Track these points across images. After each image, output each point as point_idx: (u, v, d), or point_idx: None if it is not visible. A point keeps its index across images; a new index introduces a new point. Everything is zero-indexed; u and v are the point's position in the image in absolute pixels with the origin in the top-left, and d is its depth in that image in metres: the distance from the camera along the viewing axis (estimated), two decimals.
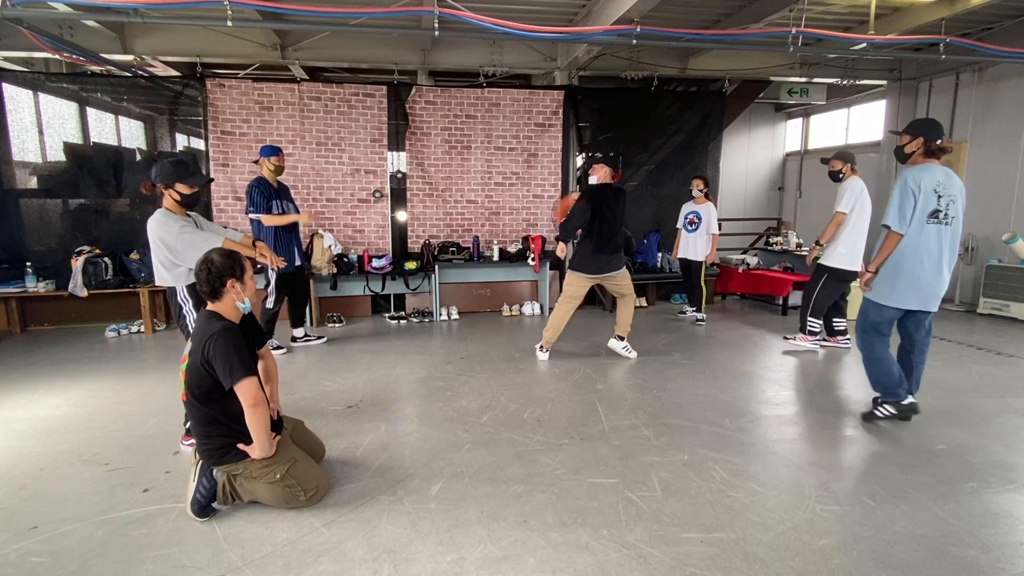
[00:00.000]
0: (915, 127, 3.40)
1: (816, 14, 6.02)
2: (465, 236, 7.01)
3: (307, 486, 2.51)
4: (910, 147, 3.38)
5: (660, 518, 2.48)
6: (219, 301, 2.45)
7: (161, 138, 6.92)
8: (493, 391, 4.10)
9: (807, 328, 5.02)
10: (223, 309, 2.46)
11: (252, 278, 2.55)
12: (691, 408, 3.77)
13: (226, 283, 2.41)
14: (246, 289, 2.49)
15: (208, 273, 2.40)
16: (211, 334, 2.33)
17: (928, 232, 3.26)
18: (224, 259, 2.43)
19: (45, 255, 5.98)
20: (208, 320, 2.42)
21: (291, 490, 2.48)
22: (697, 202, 6.20)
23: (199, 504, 2.45)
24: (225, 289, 2.42)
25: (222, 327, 2.36)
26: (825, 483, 2.79)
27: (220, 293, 2.42)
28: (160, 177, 3.07)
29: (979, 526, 2.44)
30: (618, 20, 5.07)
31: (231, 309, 2.48)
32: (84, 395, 4.03)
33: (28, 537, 2.36)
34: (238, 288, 2.44)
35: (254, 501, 2.55)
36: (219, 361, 2.31)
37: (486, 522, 2.45)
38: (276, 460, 2.48)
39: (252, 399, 2.35)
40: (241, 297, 2.47)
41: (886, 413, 3.52)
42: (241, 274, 2.46)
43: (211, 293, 2.43)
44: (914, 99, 8.03)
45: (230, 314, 2.48)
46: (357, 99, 6.59)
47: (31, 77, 6.27)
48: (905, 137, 3.41)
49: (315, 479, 2.56)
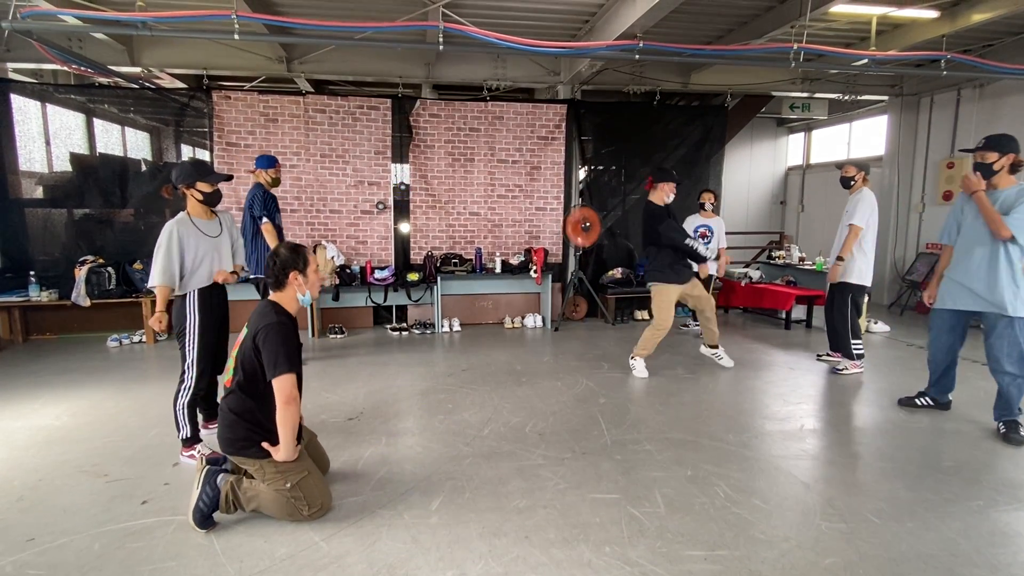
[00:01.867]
0: (1002, 144, 3.43)
1: (817, 30, 6.08)
2: (468, 248, 7.02)
3: (312, 501, 2.50)
4: (1000, 163, 3.42)
5: (663, 535, 2.45)
6: (281, 291, 2.56)
7: (167, 149, 6.98)
8: (495, 404, 4.08)
9: (853, 353, 4.82)
10: (284, 300, 2.57)
11: (317, 272, 2.65)
12: (694, 423, 3.74)
13: (289, 274, 2.53)
14: (308, 283, 2.59)
15: (274, 264, 2.53)
16: (268, 323, 2.44)
17: None
18: (289, 252, 2.56)
19: (49, 264, 5.99)
20: (266, 309, 2.53)
21: (296, 502, 2.47)
22: (706, 216, 6.19)
23: (201, 513, 2.42)
24: (288, 280, 2.53)
25: (279, 320, 2.46)
26: (830, 500, 2.76)
27: (283, 283, 2.54)
28: (181, 178, 3.12)
29: (987, 545, 2.40)
30: (621, 35, 5.12)
31: (292, 300, 2.58)
32: (85, 405, 4.02)
33: (25, 549, 2.33)
34: (300, 280, 2.55)
35: (255, 512, 2.52)
36: (267, 351, 2.40)
37: (487, 538, 2.43)
38: (290, 468, 2.49)
39: (287, 396, 2.41)
40: (303, 290, 2.58)
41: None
42: (304, 267, 2.56)
43: (276, 283, 2.55)
44: (915, 114, 8.07)
45: (290, 305, 2.58)
46: (361, 112, 6.64)
47: (39, 88, 6.34)
48: (992, 155, 3.43)
49: (321, 496, 2.55)
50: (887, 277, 8.23)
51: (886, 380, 4.70)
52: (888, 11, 5.51)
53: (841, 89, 7.82)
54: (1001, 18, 5.36)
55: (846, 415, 3.97)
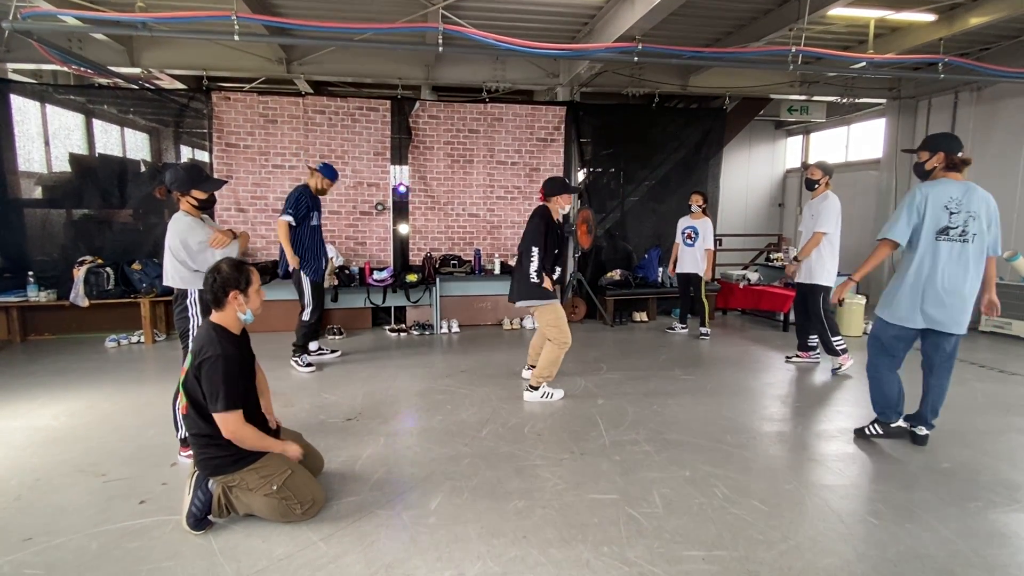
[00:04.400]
0: (933, 142, 3.28)
1: (816, 33, 6.10)
2: (466, 249, 7.03)
3: (303, 499, 2.49)
4: (931, 163, 3.26)
5: (661, 535, 2.46)
6: (221, 310, 2.48)
7: (166, 150, 6.98)
8: (493, 405, 4.08)
9: (837, 349, 4.86)
10: (225, 319, 2.48)
11: (259, 292, 2.57)
12: (692, 424, 3.74)
13: (229, 293, 2.44)
14: (249, 301, 2.51)
15: (214, 282, 2.44)
16: (208, 356, 2.35)
17: (939, 250, 3.13)
18: (232, 270, 2.46)
19: (47, 265, 5.99)
20: (209, 335, 2.43)
21: (287, 503, 2.46)
22: (694, 217, 6.24)
23: (195, 517, 2.42)
24: (227, 299, 2.45)
25: (222, 353, 2.35)
26: (828, 501, 2.76)
27: (223, 302, 2.46)
28: (175, 184, 3.10)
29: (984, 546, 2.41)
30: (620, 38, 5.13)
31: (233, 320, 2.50)
32: (83, 405, 4.01)
33: (22, 549, 2.33)
34: (240, 300, 2.47)
35: (250, 514, 2.52)
36: (207, 386, 2.34)
37: (485, 538, 2.43)
38: (273, 472, 2.46)
39: (229, 432, 2.36)
40: (243, 309, 2.50)
41: (874, 432, 3.51)
42: (246, 287, 2.48)
43: (214, 301, 2.46)
44: (913, 117, 8.10)
45: (232, 325, 2.50)
46: (361, 113, 6.65)
47: (39, 89, 6.34)
48: (924, 154, 3.29)
49: (311, 492, 2.54)
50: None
51: None
52: (886, 14, 5.54)
53: (839, 92, 7.85)
54: (998, 22, 5.39)
55: (843, 416, 3.98)
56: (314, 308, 4.88)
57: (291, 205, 4.67)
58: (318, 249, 4.88)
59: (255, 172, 6.43)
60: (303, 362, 4.88)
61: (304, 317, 4.89)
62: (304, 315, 4.89)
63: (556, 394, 4.17)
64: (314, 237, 4.82)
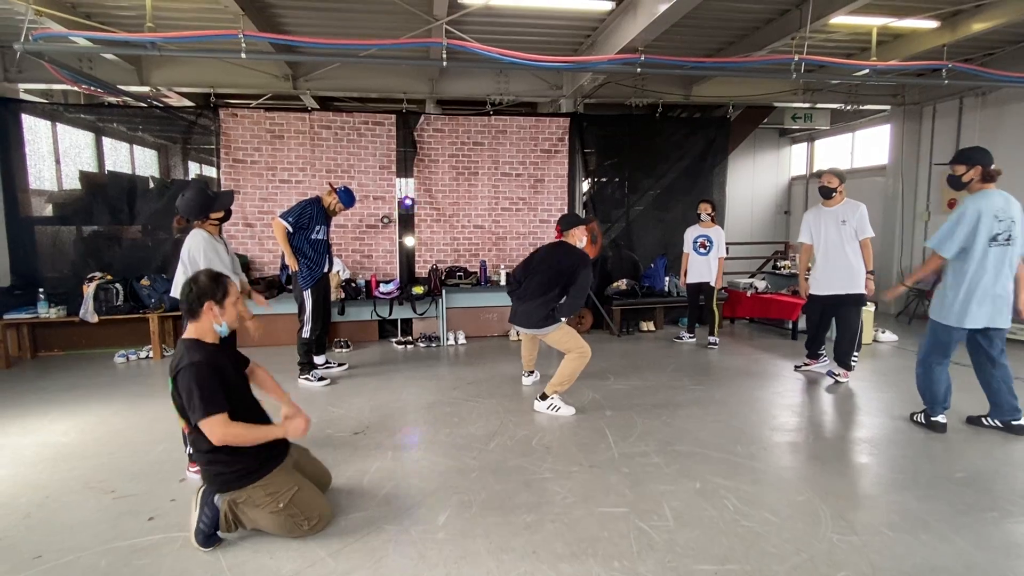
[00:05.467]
0: (969, 156, 3.58)
1: (818, 41, 6.11)
2: (472, 261, 7.04)
3: (310, 515, 2.48)
4: (968, 175, 3.55)
5: (673, 549, 2.43)
6: (197, 321, 2.44)
7: (174, 166, 7.07)
8: (501, 417, 4.06)
9: (852, 364, 4.82)
10: (201, 331, 2.45)
11: (235, 304, 2.53)
12: (702, 434, 3.71)
13: (204, 304, 2.42)
14: (225, 314, 2.47)
15: (189, 292, 2.42)
16: (181, 367, 2.32)
17: (990, 255, 3.46)
18: (209, 281, 2.45)
19: (58, 281, 6.05)
20: (180, 349, 2.40)
21: (294, 519, 2.45)
22: (705, 226, 6.22)
23: (203, 534, 2.42)
24: (202, 310, 2.42)
25: (189, 362, 2.32)
26: (841, 512, 2.72)
27: (197, 313, 2.43)
28: (191, 214, 3.21)
29: (1003, 557, 2.37)
30: (622, 49, 5.17)
31: (209, 331, 2.46)
32: (92, 421, 4.03)
33: (32, 567, 2.33)
34: (215, 311, 2.43)
35: (257, 529, 2.51)
36: (184, 397, 2.30)
37: (495, 553, 2.41)
38: (279, 489, 2.45)
39: (217, 438, 2.28)
40: (219, 320, 2.45)
41: (920, 421, 3.82)
42: (222, 298, 2.45)
43: (189, 312, 2.43)
44: (918, 123, 8.08)
45: (208, 336, 2.46)
46: (366, 127, 6.70)
47: (50, 108, 6.45)
48: (960, 167, 3.58)
49: (319, 508, 2.53)
50: (894, 285, 8.18)
51: (894, 390, 4.66)
52: (888, 22, 5.54)
53: (843, 99, 7.85)
54: (1001, 27, 5.38)
55: (855, 425, 3.94)
56: (313, 327, 4.86)
57: (293, 213, 4.69)
58: (319, 260, 4.87)
59: (262, 187, 6.49)
60: (315, 377, 4.88)
61: (304, 334, 4.86)
62: (303, 332, 4.85)
63: (565, 410, 4.10)
64: (316, 249, 4.82)
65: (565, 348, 4.15)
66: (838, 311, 4.81)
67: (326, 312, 5.10)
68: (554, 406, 4.10)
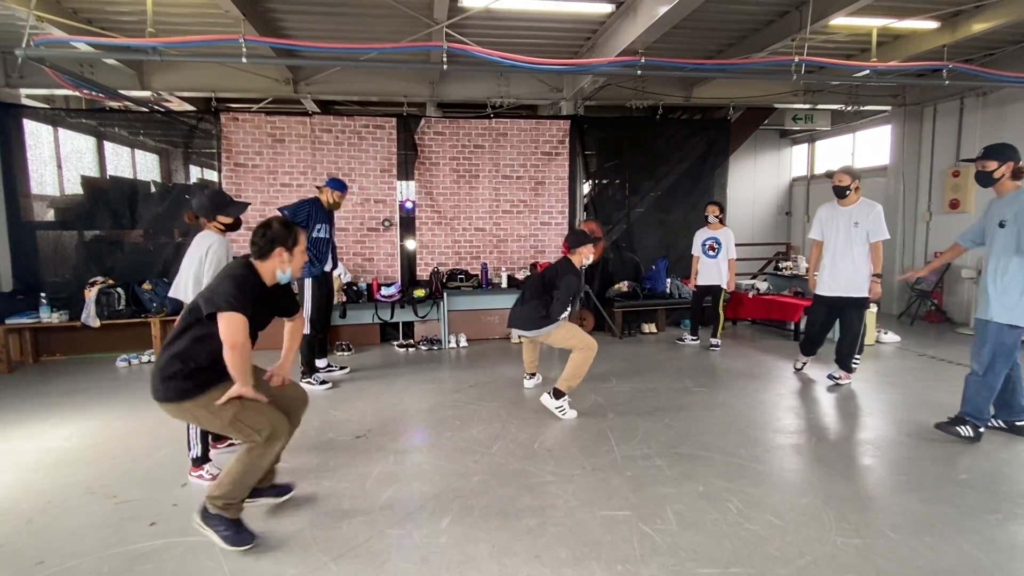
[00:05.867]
0: (1001, 152, 3.50)
1: (818, 43, 6.12)
2: (473, 264, 7.04)
3: (259, 427, 2.42)
4: (1000, 171, 3.49)
5: (676, 552, 2.42)
6: (263, 262, 2.50)
7: (176, 171, 7.07)
8: (503, 420, 4.06)
9: (853, 367, 4.79)
10: (263, 269, 2.51)
11: (303, 253, 2.60)
12: (704, 437, 3.70)
13: (274, 248, 2.48)
14: (292, 261, 2.54)
15: (263, 235, 2.48)
16: (226, 271, 2.40)
17: None
18: (282, 227, 2.52)
19: (60, 286, 6.05)
20: (236, 264, 2.47)
21: (243, 433, 2.43)
22: (713, 228, 6.20)
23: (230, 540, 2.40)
24: (273, 253, 2.49)
25: (240, 273, 2.40)
26: (845, 515, 2.71)
27: (267, 255, 2.49)
28: (202, 211, 3.26)
29: (1008, 559, 2.36)
30: (623, 51, 5.17)
31: (270, 273, 2.52)
32: (94, 426, 4.02)
33: (34, 572, 2.33)
34: (284, 256, 2.51)
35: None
36: (214, 290, 2.34)
37: (497, 557, 2.40)
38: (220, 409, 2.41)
39: (231, 338, 2.29)
40: (284, 267, 2.53)
41: (968, 434, 3.55)
42: (292, 246, 2.52)
43: (259, 252, 2.49)
44: (919, 124, 8.07)
45: (267, 277, 2.52)
46: (367, 131, 6.71)
47: (51, 113, 6.46)
48: (991, 163, 3.51)
49: (267, 420, 2.45)
50: (896, 287, 8.18)
51: (898, 391, 4.65)
52: (888, 22, 5.55)
53: (844, 100, 7.85)
54: (1002, 27, 5.38)
55: (859, 427, 3.92)
56: (313, 326, 4.86)
57: (289, 209, 4.73)
58: (322, 258, 4.87)
59: (263, 191, 6.50)
60: (317, 380, 4.88)
61: (304, 330, 4.87)
62: (304, 328, 4.87)
63: (569, 414, 4.09)
64: (317, 247, 4.82)
65: (570, 345, 4.16)
66: (841, 313, 4.76)
67: (327, 315, 5.11)
68: (561, 408, 4.08)
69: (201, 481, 3.08)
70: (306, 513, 2.78)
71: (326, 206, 4.89)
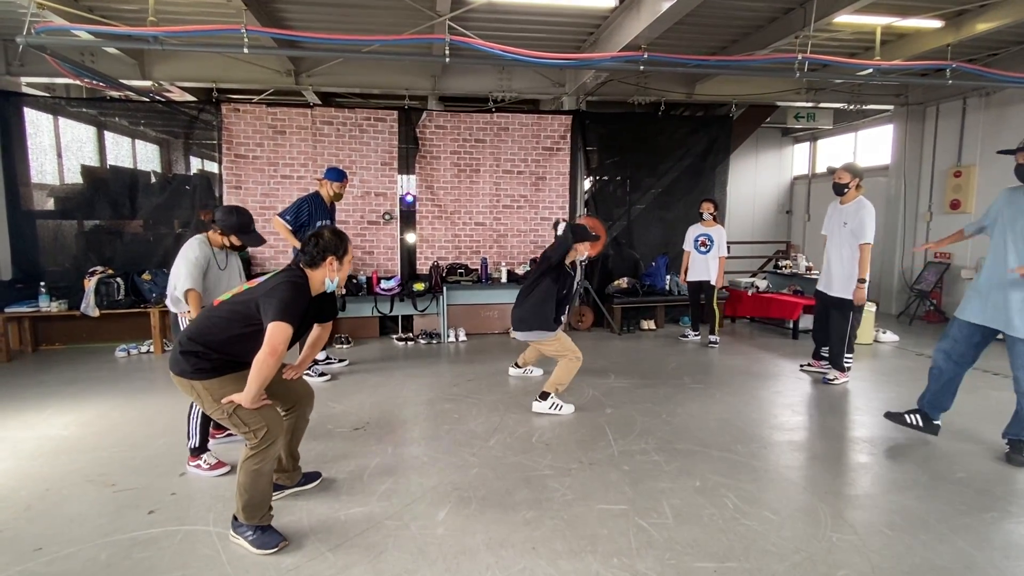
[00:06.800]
0: None
1: (822, 40, 6.10)
2: (473, 258, 7.04)
3: (255, 426, 2.41)
4: None
5: (672, 546, 2.43)
6: (314, 270, 2.53)
7: (176, 161, 7.05)
8: (500, 414, 4.06)
9: (844, 365, 4.78)
10: (314, 278, 2.53)
11: (349, 263, 2.64)
12: (702, 433, 3.71)
13: (326, 258, 2.51)
14: (341, 270, 2.57)
15: (315, 244, 2.51)
16: (291, 280, 2.43)
17: None
18: (334, 237, 2.55)
19: (59, 275, 6.05)
20: (291, 271, 2.51)
21: (240, 429, 2.43)
22: (707, 225, 6.22)
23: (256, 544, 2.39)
24: (324, 263, 2.51)
25: (297, 282, 2.44)
26: (841, 511, 2.72)
27: (319, 264, 2.51)
28: (222, 223, 3.29)
29: (1002, 558, 2.37)
30: (625, 47, 5.15)
31: (319, 282, 2.55)
32: (92, 415, 4.03)
33: (32, 559, 2.34)
34: (335, 265, 2.53)
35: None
36: (277, 297, 2.36)
37: (494, 548, 2.41)
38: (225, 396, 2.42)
39: (274, 343, 2.30)
40: (332, 275, 2.55)
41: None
42: (342, 256, 2.56)
43: (310, 262, 2.52)
44: (922, 123, 8.06)
45: (316, 285, 2.55)
46: (368, 123, 6.69)
47: (52, 102, 6.44)
48: None
49: (264, 417, 2.44)
50: (895, 287, 8.19)
51: (895, 390, 4.65)
52: (892, 21, 5.52)
53: (846, 99, 7.83)
54: (1006, 27, 5.36)
55: (855, 425, 3.93)
56: None
57: (291, 212, 4.70)
58: None
59: (264, 183, 6.49)
60: (315, 373, 4.88)
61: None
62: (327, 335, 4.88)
63: (566, 408, 4.09)
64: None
65: (559, 355, 4.16)
66: (827, 311, 4.82)
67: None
68: (556, 405, 4.09)
69: (199, 471, 3.09)
70: (304, 503, 2.79)
71: (327, 200, 4.86)
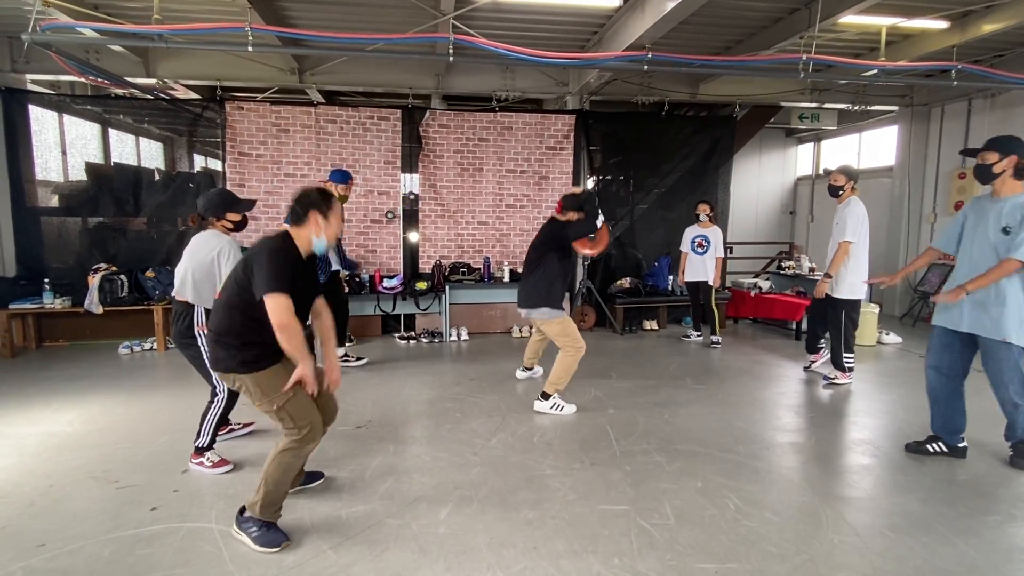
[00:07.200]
0: (1004, 144, 3.07)
1: (826, 41, 6.06)
2: (476, 257, 7.04)
3: (302, 422, 2.42)
4: (1000, 166, 3.05)
5: (673, 547, 2.43)
6: (299, 227, 2.49)
7: (180, 159, 7.08)
8: (502, 413, 4.07)
9: (844, 366, 4.77)
10: (299, 236, 2.49)
11: (339, 222, 2.59)
12: (704, 434, 3.71)
13: (309, 212, 2.46)
14: (328, 228, 2.51)
15: (299, 201, 2.49)
16: (267, 247, 2.38)
17: None
18: (319, 195, 2.52)
19: (63, 272, 6.06)
20: (273, 236, 2.47)
21: (283, 423, 2.44)
22: (703, 226, 6.22)
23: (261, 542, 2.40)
24: (308, 218, 2.46)
25: (275, 247, 2.40)
26: (843, 513, 2.72)
27: (303, 219, 2.47)
28: (210, 211, 3.21)
29: (1004, 561, 2.36)
30: (630, 46, 5.14)
31: (306, 241, 2.50)
32: (96, 412, 4.04)
33: (36, 555, 2.35)
34: (319, 221, 2.47)
35: None
36: (256, 270, 2.33)
37: (495, 548, 2.41)
38: (275, 390, 2.41)
39: (278, 319, 2.28)
40: (319, 232, 2.49)
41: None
42: (327, 211, 2.50)
43: (295, 218, 2.48)
44: (927, 124, 8.03)
45: (303, 245, 2.50)
46: (372, 122, 6.70)
47: (56, 99, 6.46)
48: (992, 155, 3.07)
49: (310, 416, 2.46)
50: (899, 289, 8.15)
51: (897, 392, 4.64)
52: (898, 22, 5.50)
53: (851, 100, 7.81)
54: (1012, 28, 5.33)
55: (858, 427, 3.92)
56: None
57: None
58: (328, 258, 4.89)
59: (267, 181, 6.49)
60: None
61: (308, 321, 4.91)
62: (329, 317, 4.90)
63: (568, 408, 4.08)
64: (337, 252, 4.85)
65: (560, 342, 4.14)
66: (824, 309, 4.84)
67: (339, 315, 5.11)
68: (557, 405, 4.08)
69: (202, 468, 3.10)
70: (306, 501, 2.80)
71: None
